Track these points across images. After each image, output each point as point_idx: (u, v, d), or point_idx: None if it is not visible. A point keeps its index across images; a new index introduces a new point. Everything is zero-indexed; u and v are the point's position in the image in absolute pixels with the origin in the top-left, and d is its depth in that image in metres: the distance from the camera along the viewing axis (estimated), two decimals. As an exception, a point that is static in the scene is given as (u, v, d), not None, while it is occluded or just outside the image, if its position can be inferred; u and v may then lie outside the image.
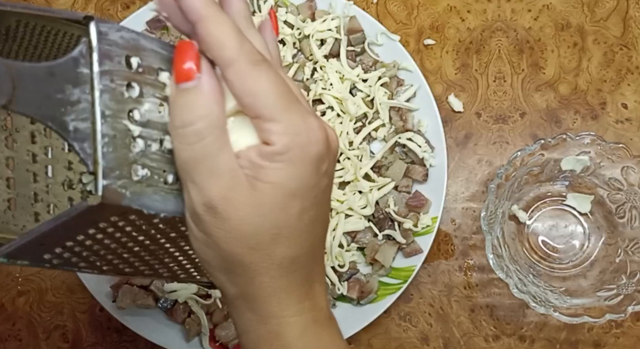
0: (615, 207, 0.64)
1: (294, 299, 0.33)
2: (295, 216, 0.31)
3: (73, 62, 0.29)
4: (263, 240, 0.31)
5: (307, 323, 0.34)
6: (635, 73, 0.69)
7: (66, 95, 0.28)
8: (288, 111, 0.30)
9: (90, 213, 0.29)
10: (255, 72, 0.30)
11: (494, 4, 0.70)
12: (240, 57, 0.29)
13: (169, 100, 0.31)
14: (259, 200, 0.30)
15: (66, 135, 0.28)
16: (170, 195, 0.32)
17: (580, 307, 0.59)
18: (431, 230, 0.63)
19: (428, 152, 0.64)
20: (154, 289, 0.62)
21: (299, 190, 0.31)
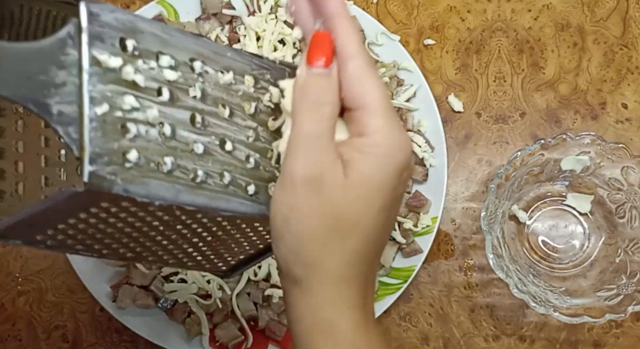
0: (615, 207, 0.64)
1: (352, 292, 0.34)
2: (376, 211, 0.33)
3: (60, 42, 0.28)
4: (343, 224, 0.32)
5: (359, 319, 0.34)
6: (635, 73, 0.69)
7: (50, 77, 0.27)
8: (387, 113, 0.33)
9: (78, 198, 0.29)
10: (372, 69, 0.33)
11: (494, 4, 0.70)
12: (362, 52, 0.33)
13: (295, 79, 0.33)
14: (349, 185, 0.32)
15: (49, 118, 0.27)
16: (168, 183, 0.31)
17: (580, 307, 0.59)
18: (431, 230, 0.63)
19: (428, 152, 0.64)
20: (154, 289, 0.62)
21: (382, 186, 0.33)
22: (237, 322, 0.62)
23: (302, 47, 0.65)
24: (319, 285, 0.33)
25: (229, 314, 0.62)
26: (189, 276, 0.62)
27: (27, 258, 0.66)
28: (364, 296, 0.35)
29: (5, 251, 0.66)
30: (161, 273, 0.62)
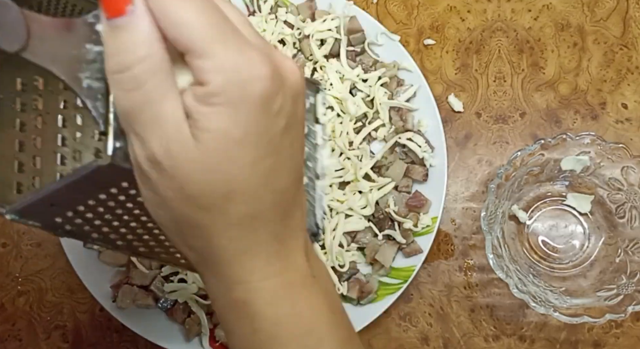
0: (615, 207, 0.64)
1: (260, 262, 0.29)
2: (248, 167, 0.27)
3: (94, 19, 0.29)
4: (214, 198, 0.27)
5: (277, 288, 0.30)
6: (635, 73, 0.69)
7: (82, 53, 0.28)
8: (221, 43, 0.25)
9: (100, 174, 0.29)
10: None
11: (494, 4, 0.70)
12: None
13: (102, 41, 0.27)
14: (203, 152, 0.26)
15: (79, 91, 0.28)
16: None
17: (580, 307, 0.59)
18: (431, 230, 0.63)
19: (428, 152, 0.64)
20: (154, 289, 0.62)
21: (245, 136, 0.26)
22: (237, 322, 0.62)
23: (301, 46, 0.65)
24: (218, 266, 0.29)
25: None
26: (189, 276, 0.62)
27: (27, 258, 0.66)
28: (282, 257, 0.30)
29: (5, 251, 0.66)
30: (161, 273, 0.62)
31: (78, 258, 0.62)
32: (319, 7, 0.67)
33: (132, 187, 0.31)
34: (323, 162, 0.38)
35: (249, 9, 0.67)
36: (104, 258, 0.62)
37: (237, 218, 0.28)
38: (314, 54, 0.65)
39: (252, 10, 0.67)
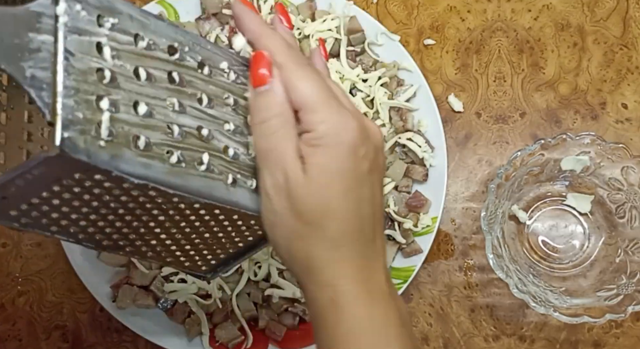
0: (615, 207, 0.64)
1: (346, 271, 0.37)
2: (341, 194, 0.36)
3: (39, 7, 0.29)
4: (315, 215, 0.36)
5: (359, 292, 0.37)
6: (635, 73, 0.69)
7: (25, 42, 0.28)
8: (325, 104, 0.36)
9: (50, 165, 0.29)
10: (300, 72, 0.36)
11: (494, 4, 0.70)
12: (289, 61, 0.36)
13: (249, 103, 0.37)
14: (309, 180, 0.35)
15: (22, 81, 0.28)
16: (142, 158, 0.31)
17: (580, 307, 0.59)
18: (431, 230, 0.63)
19: (428, 152, 0.64)
20: (154, 289, 0.62)
21: (339, 170, 0.36)
22: (237, 322, 0.62)
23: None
24: (314, 272, 0.37)
25: (229, 314, 0.62)
26: (189, 276, 0.62)
27: (27, 258, 0.66)
28: (366, 271, 0.38)
29: (5, 251, 0.66)
30: (161, 273, 0.62)
31: (78, 258, 0.62)
32: (319, 7, 0.67)
33: (87, 178, 0.31)
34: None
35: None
36: (104, 258, 0.62)
37: (332, 233, 0.36)
38: (314, 54, 0.65)
39: (252, 10, 0.67)
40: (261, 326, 0.62)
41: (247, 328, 0.62)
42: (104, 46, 0.31)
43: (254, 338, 0.62)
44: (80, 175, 0.31)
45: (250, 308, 0.62)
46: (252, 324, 0.63)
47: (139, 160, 0.31)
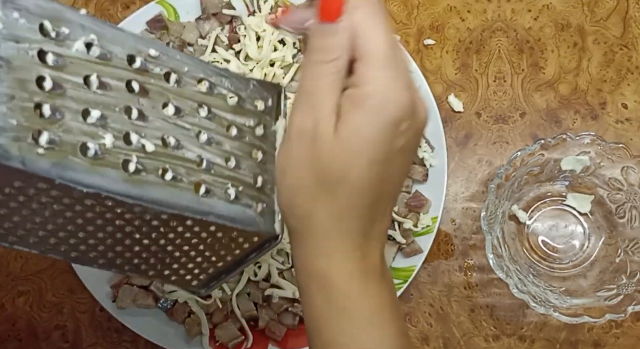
0: (615, 207, 0.64)
1: (345, 245, 0.34)
2: (365, 164, 0.33)
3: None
4: (331, 177, 0.33)
5: (354, 270, 0.35)
6: (635, 73, 0.69)
7: None
8: (387, 64, 0.33)
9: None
10: (378, 19, 0.33)
11: (494, 4, 0.70)
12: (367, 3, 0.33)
13: (309, 31, 0.34)
14: (337, 139, 0.32)
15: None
16: (92, 166, 0.31)
17: (580, 307, 0.59)
18: (431, 230, 0.63)
19: (428, 152, 0.64)
20: (154, 289, 0.62)
21: (371, 139, 0.32)
22: (237, 322, 0.62)
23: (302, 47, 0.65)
24: (311, 237, 0.35)
25: (229, 314, 0.62)
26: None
27: (27, 258, 0.66)
28: (363, 249, 0.35)
29: (6, 251, 0.66)
30: (161, 273, 0.62)
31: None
32: (319, 7, 0.67)
33: (28, 186, 0.31)
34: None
35: (249, 8, 0.67)
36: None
37: (341, 202, 0.33)
38: (314, 54, 0.65)
39: (252, 10, 0.67)
40: (261, 326, 0.62)
41: (247, 328, 0.62)
42: (47, 54, 0.31)
43: (254, 338, 0.62)
44: (21, 183, 0.30)
45: (250, 308, 0.62)
46: (252, 324, 0.63)
47: (89, 168, 0.31)
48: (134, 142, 0.32)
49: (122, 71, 0.33)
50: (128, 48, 0.34)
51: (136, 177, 0.32)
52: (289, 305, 0.62)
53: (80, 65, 0.32)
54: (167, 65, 0.35)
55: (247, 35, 0.65)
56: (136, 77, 0.34)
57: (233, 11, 0.66)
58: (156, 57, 0.35)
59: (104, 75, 0.32)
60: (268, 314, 0.62)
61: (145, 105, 0.34)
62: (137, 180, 0.32)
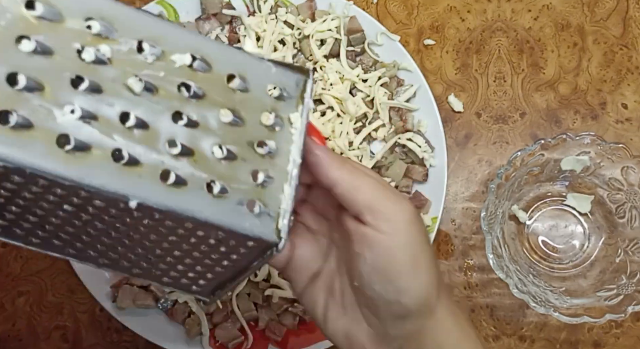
0: (615, 207, 0.64)
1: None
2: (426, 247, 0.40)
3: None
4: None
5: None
6: (635, 73, 0.69)
7: None
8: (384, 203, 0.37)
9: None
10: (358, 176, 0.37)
11: (494, 4, 0.70)
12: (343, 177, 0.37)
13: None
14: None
15: None
16: (23, 139, 0.28)
17: (580, 307, 0.59)
18: (431, 230, 0.63)
19: (428, 152, 0.64)
20: (154, 289, 0.62)
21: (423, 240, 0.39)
22: (237, 322, 0.62)
23: None
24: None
25: (229, 315, 0.62)
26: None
27: (27, 258, 0.66)
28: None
29: (6, 251, 0.66)
30: (161, 273, 0.62)
31: (78, 258, 0.62)
32: (319, 7, 0.67)
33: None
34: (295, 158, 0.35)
35: (249, 9, 0.67)
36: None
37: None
38: (313, 54, 0.65)
39: (252, 10, 0.67)
40: (261, 326, 0.62)
41: (247, 328, 0.62)
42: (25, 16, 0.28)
43: (254, 338, 0.62)
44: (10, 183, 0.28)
45: (250, 308, 0.62)
46: (252, 324, 0.63)
47: (10, 138, 0.27)
48: (76, 114, 0.29)
49: (72, 33, 0.30)
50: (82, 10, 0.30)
51: (74, 156, 0.28)
52: (289, 305, 0.62)
53: (16, 26, 0.29)
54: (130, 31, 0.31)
55: (247, 35, 0.65)
56: (94, 43, 0.30)
57: (233, 11, 0.66)
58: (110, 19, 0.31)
59: (52, 38, 0.29)
60: (268, 315, 0.62)
61: (100, 75, 0.30)
62: (78, 159, 0.28)
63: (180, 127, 0.31)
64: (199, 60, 0.33)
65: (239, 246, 0.34)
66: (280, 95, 0.35)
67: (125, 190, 0.29)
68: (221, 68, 0.33)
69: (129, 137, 0.30)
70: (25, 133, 0.28)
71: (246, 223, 0.32)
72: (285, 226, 0.33)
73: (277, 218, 0.33)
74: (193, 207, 0.31)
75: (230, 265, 0.35)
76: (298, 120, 0.35)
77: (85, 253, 0.35)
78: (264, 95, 0.35)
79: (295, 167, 0.34)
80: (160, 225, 0.32)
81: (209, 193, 0.31)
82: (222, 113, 0.33)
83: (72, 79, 0.29)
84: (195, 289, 0.38)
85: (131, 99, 0.30)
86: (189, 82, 0.32)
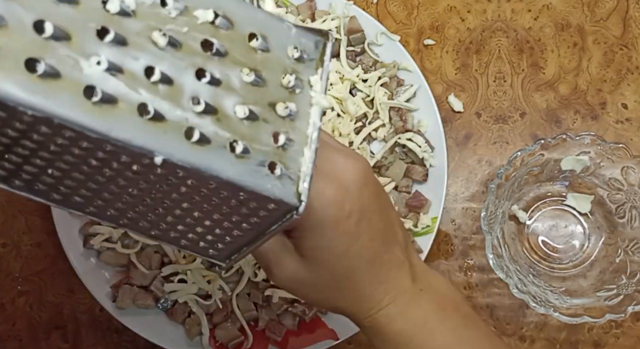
0: (615, 207, 0.64)
1: (379, 295, 0.40)
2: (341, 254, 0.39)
3: None
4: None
5: (391, 310, 0.41)
6: (635, 73, 0.69)
7: None
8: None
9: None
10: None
11: (494, 4, 0.70)
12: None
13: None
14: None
15: None
16: (52, 89, 0.27)
17: (580, 307, 0.59)
18: (431, 230, 0.63)
19: (428, 152, 0.64)
20: (154, 289, 0.62)
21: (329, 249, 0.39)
22: (237, 322, 0.62)
23: None
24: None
25: (229, 315, 0.62)
26: (189, 276, 0.62)
27: (27, 258, 0.66)
28: (388, 291, 0.40)
29: (5, 251, 0.66)
30: (161, 273, 0.62)
31: (78, 258, 0.62)
32: (319, 7, 0.67)
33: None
34: (315, 121, 0.34)
35: (249, 9, 0.67)
36: (104, 258, 0.62)
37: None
38: (314, 54, 0.65)
39: (252, 10, 0.67)
40: (261, 326, 0.62)
41: (247, 328, 0.62)
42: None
43: (254, 338, 0.62)
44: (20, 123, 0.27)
45: (250, 308, 0.62)
46: (252, 324, 0.63)
47: (39, 87, 0.27)
48: (102, 65, 0.28)
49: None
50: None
51: (102, 108, 0.28)
52: (289, 305, 0.62)
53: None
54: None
55: (247, 35, 0.65)
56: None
57: (233, 11, 0.66)
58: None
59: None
60: (268, 315, 0.62)
61: (125, 24, 0.29)
62: (104, 111, 0.28)
63: (203, 84, 0.31)
64: (221, 17, 0.32)
65: (260, 209, 0.33)
66: (300, 57, 0.34)
67: (151, 145, 0.29)
68: (243, 26, 0.33)
69: (154, 91, 0.29)
70: (53, 83, 0.27)
71: (268, 185, 0.31)
72: (305, 190, 0.33)
73: (298, 181, 0.33)
74: (217, 166, 0.30)
75: (249, 228, 0.35)
76: (318, 82, 0.35)
77: (105, 211, 0.35)
78: (284, 56, 0.34)
79: (315, 130, 0.34)
80: (183, 184, 0.32)
81: (231, 153, 0.31)
82: (244, 72, 0.32)
83: (98, 30, 0.29)
84: (212, 253, 0.38)
85: (155, 53, 0.30)
86: (212, 38, 0.31)
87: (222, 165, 0.30)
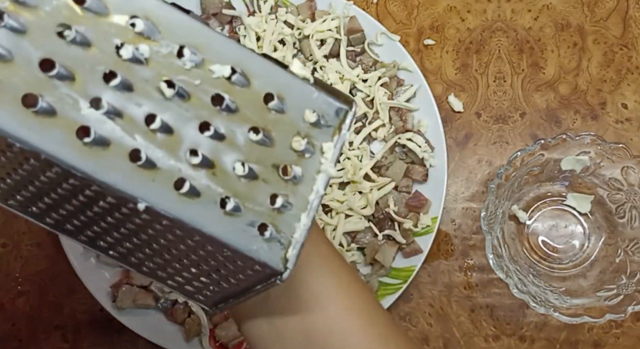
0: (615, 207, 0.64)
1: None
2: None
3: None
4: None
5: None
6: (635, 73, 0.69)
7: None
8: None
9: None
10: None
11: (494, 4, 0.70)
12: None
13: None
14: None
15: None
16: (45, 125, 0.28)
17: (580, 307, 0.59)
18: (431, 230, 0.63)
19: (428, 152, 0.64)
20: (154, 289, 0.62)
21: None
22: (237, 322, 0.62)
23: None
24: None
25: (229, 315, 0.62)
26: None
27: (27, 258, 0.66)
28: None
29: (5, 251, 0.66)
30: (161, 273, 0.62)
31: (78, 258, 0.62)
32: (319, 7, 0.67)
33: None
34: (319, 189, 0.33)
35: (249, 9, 0.67)
36: (104, 258, 0.62)
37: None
38: (314, 54, 0.65)
39: (252, 10, 0.67)
40: (261, 326, 0.62)
41: (247, 328, 0.62)
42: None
43: (254, 338, 0.62)
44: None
45: (250, 308, 0.62)
46: (252, 324, 0.63)
47: (31, 122, 0.27)
48: (104, 107, 0.29)
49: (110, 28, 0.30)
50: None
51: (93, 150, 0.28)
52: (289, 305, 0.62)
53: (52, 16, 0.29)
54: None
55: (247, 35, 0.65)
56: (134, 40, 0.30)
57: (233, 11, 0.66)
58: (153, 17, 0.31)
59: (89, 29, 0.29)
60: (268, 315, 0.62)
61: (135, 74, 0.30)
62: (94, 152, 0.28)
63: (205, 137, 0.31)
64: (238, 74, 0.32)
65: (245, 268, 0.33)
66: (317, 121, 0.33)
67: (135, 191, 0.29)
68: (261, 85, 0.32)
69: (151, 139, 0.29)
70: (47, 120, 0.28)
71: (254, 246, 0.31)
72: (293, 257, 0.32)
73: (287, 247, 0.32)
74: (202, 220, 0.30)
75: (235, 283, 0.35)
76: (331, 150, 0.34)
77: (95, 242, 0.35)
78: (299, 118, 0.33)
79: (317, 197, 0.33)
80: (168, 232, 0.32)
81: (221, 209, 0.30)
82: (252, 130, 0.32)
83: (105, 73, 0.29)
84: (199, 298, 0.37)
85: (160, 102, 0.30)
86: (223, 94, 0.31)
87: (207, 220, 0.30)
